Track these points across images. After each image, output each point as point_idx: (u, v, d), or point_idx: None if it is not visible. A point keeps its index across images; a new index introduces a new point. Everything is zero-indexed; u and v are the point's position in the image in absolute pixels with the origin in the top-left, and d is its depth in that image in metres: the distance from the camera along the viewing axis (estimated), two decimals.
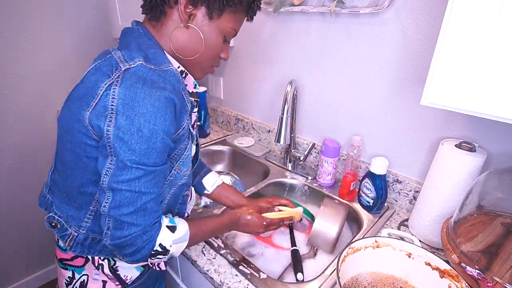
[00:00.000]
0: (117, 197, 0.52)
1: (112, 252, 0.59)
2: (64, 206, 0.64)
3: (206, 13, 0.58)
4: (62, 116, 0.60)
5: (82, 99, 0.55)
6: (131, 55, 0.55)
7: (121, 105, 0.50)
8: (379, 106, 0.93)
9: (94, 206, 0.61)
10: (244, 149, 1.30)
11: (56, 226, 0.65)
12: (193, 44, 0.61)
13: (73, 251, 0.64)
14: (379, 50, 0.88)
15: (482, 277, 0.55)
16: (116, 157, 0.51)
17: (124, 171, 0.51)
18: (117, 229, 0.53)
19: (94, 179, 0.58)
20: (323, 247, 0.83)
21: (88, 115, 0.53)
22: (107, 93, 0.51)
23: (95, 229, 0.63)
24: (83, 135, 0.55)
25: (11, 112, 1.39)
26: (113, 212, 0.52)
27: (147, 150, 0.51)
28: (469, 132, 0.78)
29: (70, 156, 0.58)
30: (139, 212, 0.53)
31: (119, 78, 0.52)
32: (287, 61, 1.13)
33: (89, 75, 0.58)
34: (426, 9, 0.76)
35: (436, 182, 0.75)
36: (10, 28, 1.29)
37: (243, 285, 0.69)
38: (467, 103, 0.52)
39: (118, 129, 0.50)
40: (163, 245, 0.57)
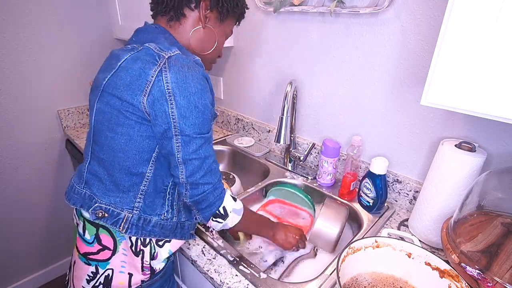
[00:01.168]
0: (190, 167, 0.62)
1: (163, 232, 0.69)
2: (110, 193, 0.67)
3: (217, 17, 0.71)
4: (105, 105, 0.64)
5: (133, 85, 0.59)
6: (166, 46, 0.62)
7: (176, 88, 0.57)
8: (379, 106, 0.93)
9: (144, 185, 0.66)
10: (244, 149, 1.30)
11: (103, 216, 0.66)
12: (207, 42, 0.72)
13: (128, 232, 0.66)
14: (379, 50, 0.88)
15: (482, 277, 0.55)
16: (181, 133, 0.59)
17: (190, 143, 0.60)
18: (194, 190, 0.64)
19: (146, 157, 0.64)
20: (324, 247, 0.83)
21: (145, 100, 0.58)
22: (159, 78, 0.58)
23: (146, 209, 0.67)
24: (137, 117, 0.60)
25: (11, 112, 1.39)
26: (190, 180, 0.62)
27: (204, 122, 0.61)
28: (469, 132, 0.78)
29: (122, 139, 0.63)
30: (208, 173, 0.64)
31: (166, 65, 0.58)
32: (287, 61, 1.13)
33: (126, 64, 0.62)
34: (426, 9, 0.76)
35: (436, 182, 0.75)
36: (10, 28, 1.29)
37: (243, 285, 0.69)
38: (467, 103, 0.52)
39: (180, 109, 0.58)
40: (225, 208, 0.68)
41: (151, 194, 0.67)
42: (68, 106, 1.56)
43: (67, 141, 1.59)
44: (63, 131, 1.57)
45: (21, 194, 1.52)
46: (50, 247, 1.73)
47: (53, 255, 1.76)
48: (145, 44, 0.63)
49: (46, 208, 1.64)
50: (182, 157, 0.61)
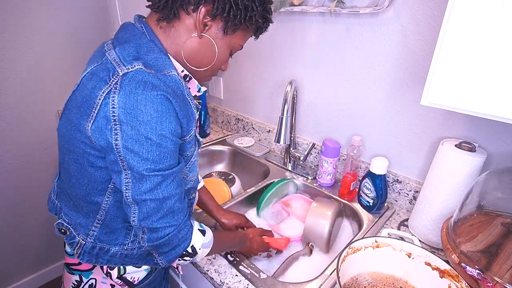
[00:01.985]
0: (143, 209, 0.52)
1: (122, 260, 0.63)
2: (72, 213, 0.63)
3: (222, 28, 0.57)
4: (62, 126, 0.58)
5: (81, 108, 0.53)
6: (128, 57, 0.52)
7: (123, 115, 0.48)
8: (379, 106, 0.93)
9: (101, 215, 0.61)
10: (244, 149, 1.30)
11: (65, 232, 0.64)
12: (203, 54, 0.60)
13: (80, 259, 0.63)
14: (379, 50, 0.88)
15: (482, 277, 0.55)
16: (131, 169, 0.50)
17: (143, 181, 0.51)
18: (152, 233, 0.54)
19: (99, 188, 0.58)
20: (318, 243, 0.84)
21: (90, 127, 0.51)
22: (106, 102, 0.48)
23: (102, 238, 0.62)
24: (86, 145, 0.54)
25: (11, 112, 1.39)
26: (144, 223, 0.53)
27: (160, 156, 0.50)
28: (469, 132, 0.78)
29: (74, 166, 0.57)
30: (168, 215, 0.54)
31: (117, 85, 0.49)
32: (287, 61, 1.13)
33: (84, 80, 0.55)
34: (426, 9, 0.76)
35: (436, 182, 0.75)
36: (10, 28, 1.29)
37: (243, 285, 0.69)
38: (467, 103, 0.52)
39: (126, 141, 0.48)
40: (194, 246, 0.59)
41: (110, 224, 0.61)
42: None
43: None
44: None
45: (20, 194, 1.52)
46: (49, 248, 1.73)
47: (52, 255, 1.76)
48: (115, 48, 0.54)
49: (46, 208, 1.63)
50: (131, 197, 0.51)
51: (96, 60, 0.57)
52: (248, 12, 0.56)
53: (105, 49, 0.56)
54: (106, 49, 0.56)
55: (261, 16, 0.59)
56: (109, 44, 0.57)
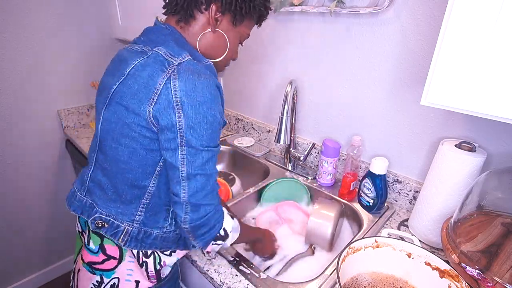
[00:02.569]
0: (193, 184, 0.57)
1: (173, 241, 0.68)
2: (112, 204, 0.65)
3: (231, 20, 0.65)
4: (112, 114, 0.61)
5: (138, 94, 0.57)
6: (176, 51, 0.59)
7: (185, 97, 0.54)
8: (379, 106, 0.93)
9: (146, 198, 0.64)
10: (244, 149, 1.30)
11: (103, 226, 0.65)
12: (218, 46, 0.67)
13: (127, 246, 0.65)
14: (379, 50, 0.88)
15: (482, 277, 0.55)
16: (188, 145, 0.56)
17: (197, 156, 0.57)
18: (195, 212, 0.59)
19: (149, 171, 0.62)
20: (320, 244, 0.84)
21: (151, 109, 0.55)
22: (167, 86, 0.55)
23: (147, 222, 0.65)
24: (142, 128, 0.58)
25: (11, 112, 1.39)
26: (192, 199, 0.58)
27: (212, 134, 0.57)
28: (469, 132, 0.78)
29: (126, 151, 0.61)
30: (211, 193, 0.60)
31: (175, 72, 0.55)
32: (287, 61, 1.13)
33: (135, 71, 0.59)
34: (426, 9, 0.76)
35: (436, 182, 0.75)
36: (10, 28, 1.29)
37: (243, 285, 0.69)
38: (467, 103, 0.52)
39: (187, 119, 0.54)
40: (225, 229, 0.65)
41: (153, 207, 0.65)
42: (68, 106, 1.56)
43: (67, 141, 1.59)
44: (63, 131, 1.57)
45: (21, 194, 1.52)
46: (49, 247, 1.73)
47: (53, 255, 1.76)
48: (154, 48, 0.60)
49: (46, 208, 1.64)
50: (186, 171, 0.57)
51: (134, 57, 0.61)
52: (251, 2, 0.64)
53: (143, 49, 0.62)
54: (145, 49, 0.62)
55: (262, 4, 0.67)
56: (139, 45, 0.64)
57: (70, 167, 1.67)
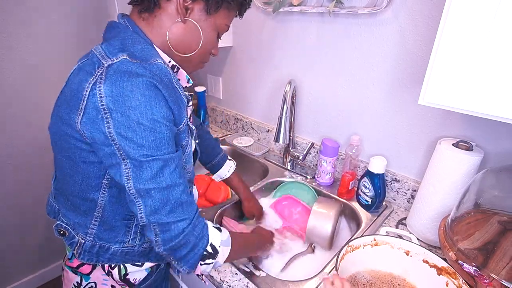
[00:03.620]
0: (149, 201, 0.50)
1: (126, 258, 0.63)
2: (70, 213, 0.63)
3: (204, 8, 0.57)
4: (53, 123, 0.58)
5: (70, 102, 0.52)
6: (113, 50, 0.52)
7: (111, 103, 0.47)
8: (377, 105, 0.94)
9: (98, 212, 0.60)
10: (243, 148, 1.30)
11: (64, 234, 0.64)
12: (191, 39, 0.59)
13: (81, 258, 0.62)
14: (377, 50, 0.88)
15: (479, 274, 0.56)
16: (128, 158, 0.49)
17: (143, 169, 0.49)
18: (165, 232, 0.52)
19: (94, 184, 0.57)
20: (320, 243, 0.84)
21: (80, 120, 0.50)
22: (93, 92, 0.48)
23: (102, 236, 0.61)
24: (76, 140, 0.53)
25: (11, 111, 1.39)
26: (153, 218, 0.51)
27: (156, 142, 0.49)
28: (467, 131, 0.79)
29: (67, 163, 0.57)
30: (177, 208, 0.52)
31: (102, 75, 0.48)
32: (286, 61, 1.14)
33: (72, 76, 0.55)
34: (424, 10, 0.77)
35: (433, 181, 0.76)
36: (9, 28, 1.29)
37: (243, 283, 0.69)
38: (464, 103, 0.53)
39: (118, 128, 0.48)
40: (213, 244, 0.57)
41: (108, 221, 0.60)
42: None
43: None
44: None
45: (20, 194, 1.52)
46: (48, 248, 1.72)
47: (51, 256, 1.76)
48: (102, 44, 0.55)
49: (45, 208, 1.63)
50: (134, 188, 0.50)
51: (85, 56, 0.57)
52: None
53: (92, 50, 0.56)
54: (94, 47, 0.56)
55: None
56: (97, 45, 0.57)
57: None
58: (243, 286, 0.68)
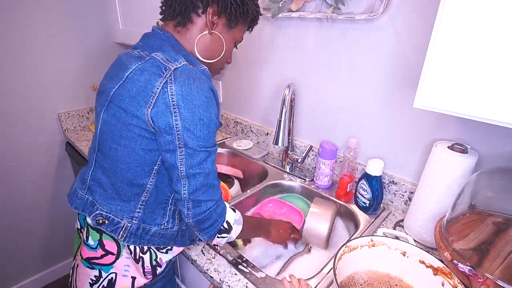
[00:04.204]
0: (193, 182, 0.61)
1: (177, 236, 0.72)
2: (112, 201, 0.68)
3: (226, 23, 0.69)
4: (111, 116, 0.64)
5: (137, 97, 0.59)
6: (173, 56, 0.61)
7: (181, 100, 0.57)
8: (374, 109, 0.95)
9: (145, 196, 0.67)
10: (242, 151, 1.32)
11: (103, 222, 0.67)
12: (215, 48, 0.71)
13: (127, 241, 0.67)
14: (374, 55, 0.90)
15: (473, 273, 0.57)
16: (185, 146, 0.58)
17: (194, 156, 0.59)
18: (196, 208, 0.62)
19: (147, 170, 0.64)
20: (316, 243, 0.85)
21: (149, 112, 0.58)
22: (165, 90, 0.57)
23: (145, 219, 0.68)
24: (141, 129, 0.60)
25: (12, 114, 1.40)
26: (192, 196, 0.61)
27: (209, 135, 0.60)
28: (462, 134, 0.80)
29: (125, 151, 0.63)
30: (210, 189, 0.63)
31: (171, 77, 0.58)
32: (285, 65, 1.16)
33: (133, 75, 0.62)
34: (420, 16, 0.79)
35: (430, 183, 0.77)
36: (11, 32, 1.31)
37: (242, 283, 0.70)
38: (458, 106, 0.54)
39: (184, 121, 0.57)
40: (228, 221, 0.68)
41: (152, 205, 0.68)
42: (69, 109, 1.57)
43: (67, 143, 1.60)
44: (63, 134, 1.58)
45: (20, 195, 1.53)
46: (49, 249, 1.73)
47: (52, 257, 1.76)
48: (152, 53, 0.63)
49: (45, 210, 1.64)
50: (185, 171, 0.60)
51: (133, 61, 0.64)
52: (244, 6, 0.68)
53: (141, 54, 0.65)
54: (143, 54, 0.64)
55: (253, 8, 0.72)
56: (137, 50, 0.67)
57: (70, 170, 1.68)
58: (242, 286, 0.69)
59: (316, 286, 0.69)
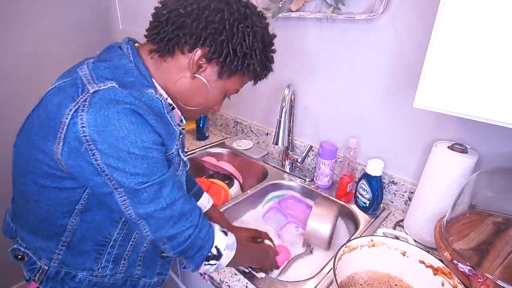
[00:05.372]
0: (152, 222, 0.50)
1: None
2: (31, 237, 0.57)
3: (217, 71, 0.56)
4: (21, 145, 0.54)
5: (45, 127, 0.48)
6: (102, 75, 0.48)
7: (96, 134, 0.44)
8: (374, 109, 0.95)
9: (66, 237, 0.55)
10: (242, 151, 1.32)
11: (22, 258, 0.58)
12: (193, 95, 0.58)
13: (43, 286, 0.57)
14: (374, 55, 0.90)
15: (473, 273, 0.57)
16: (122, 187, 0.47)
17: (140, 195, 0.48)
18: (173, 240, 0.53)
19: (65, 210, 0.53)
20: (318, 245, 0.85)
21: (59, 151, 0.46)
22: (74, 121, 0.44)
23: (68, 261, 0.57)
24: (51, 168, 0.49)
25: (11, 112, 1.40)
26: (159, 234, 0.51)
27: (150, 168, 0.47)
28: (461, 134, 0.80)
29: (34, 187, 0.52)
30: (181, 218, 0.52)
31: (85, 102, 0.45)
32: (285, 65, 1.16)
33: (49, 95, 0.50)
34: (419, 15, 0.79)
35: (429, 183, 0.77)
36: (10, 33, 1.31)
37: (242, 283, 0.70)
38: (458, 106, 0.54)
39: (107, 159, 0.45)
40: (218, 247, 0.58)
41: (77, 246, 0.56)
42: None
43: None
44: None
45: None
46: None
47: None
48: (88, 66, 0.50)
49: None
50: (135, 213, 0.48)
51: (67, 75, 0.52)
52: (246, 59, 0.54)
53: (77, 67, 0.52)
54: (78, 67, 0.52)
55: (260, 64, 0.57)
56: (83, 63, 0.53)
57: None
58: (242, 286, 0.69)
59: (316, 286, 0.69)
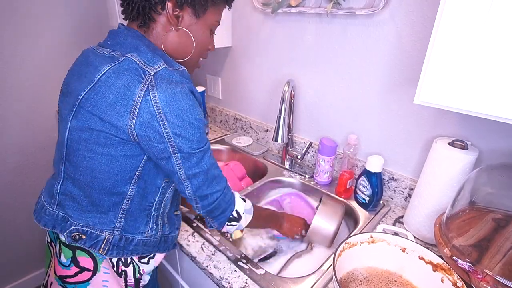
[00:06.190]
0: (194, 181, 0.61)
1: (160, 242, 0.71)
2: (87, 214, 0.64)
3: (193, 13, 0.62)
4: (85, 123, 0.58)
5: (116, 106, 0.55)
6: (150, 58, 0.57)
7: (167, 107, 0.54)
8: (374, 105, 0.95)
9: (125, 204, 0.64)
10: (242, 148, 1.31)
11: (80, 238, 0.63)
12: (185, 45, 0.65)
13: (109, 254, 0.64)
14: (374, 50, 0.90)
15: (473, 270, 0.57)
16: (180, 151, 0.57)
17: (191, 159, 0.59)
18: (204, 201, 0.64)
19: (127, 177, 0.62)
20: (321, 243, 0.85)
21: (133, 123, 0.55)
22: (147, 98, 0.54)
23: (127, 228, 0.65)
24: (121, 138, 0.57)
25: (10, 111, 1.40)
26: (198, 193, 0.63)
27: (201, 136, 0.59)
28: (462, 130, 0.80)
29: (103, 159, 0.59)
30: (213, 181, 0.64)
31: (152, 82, 0.54)
32: (284, 61, 1.15)
33: (107, 79, 0.56)
34: (420, 11, 0.78)
35: (429, 179, 0.77)
36: (9, 30, 1.30)
37: (242, 280, 0.70)
38: (458, 102, 0.54)
39: (174, 128, 0.55)
40: (238, 211, 0.69)
41: (134, 213, 0.65)
42: None
43: None
44: None
45: (19, 193, 1.53)
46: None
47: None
48: (126, 54, 0.58)
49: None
50: (185, 173, 0.60)
51: (103, 62, 0.59)
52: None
53: (112, 54, 0.59)
54: (115, 54, 0.59)
55: None
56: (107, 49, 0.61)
57: None
58: (242, 283, 0.69)
59: (315, 283, 0.69)
